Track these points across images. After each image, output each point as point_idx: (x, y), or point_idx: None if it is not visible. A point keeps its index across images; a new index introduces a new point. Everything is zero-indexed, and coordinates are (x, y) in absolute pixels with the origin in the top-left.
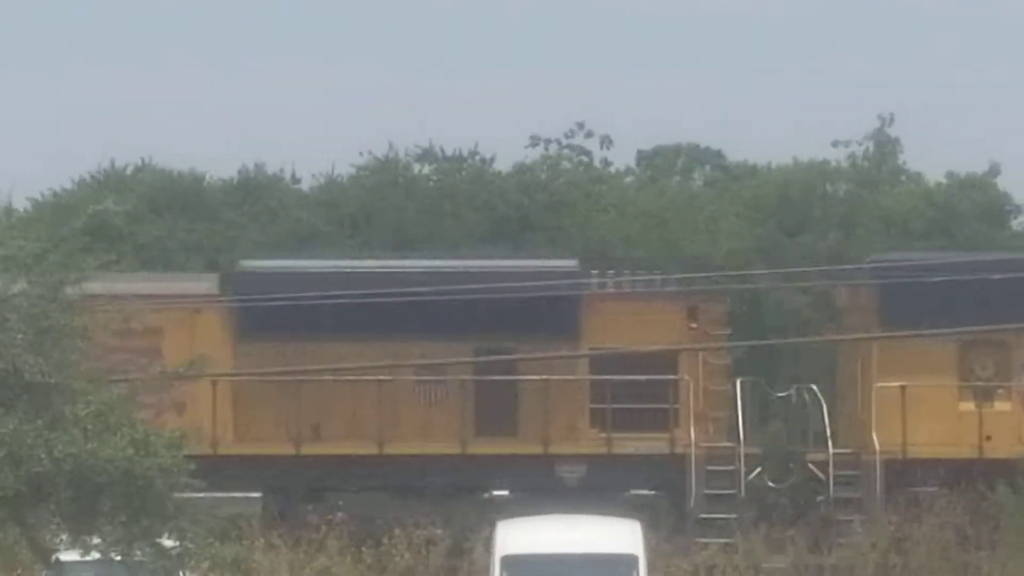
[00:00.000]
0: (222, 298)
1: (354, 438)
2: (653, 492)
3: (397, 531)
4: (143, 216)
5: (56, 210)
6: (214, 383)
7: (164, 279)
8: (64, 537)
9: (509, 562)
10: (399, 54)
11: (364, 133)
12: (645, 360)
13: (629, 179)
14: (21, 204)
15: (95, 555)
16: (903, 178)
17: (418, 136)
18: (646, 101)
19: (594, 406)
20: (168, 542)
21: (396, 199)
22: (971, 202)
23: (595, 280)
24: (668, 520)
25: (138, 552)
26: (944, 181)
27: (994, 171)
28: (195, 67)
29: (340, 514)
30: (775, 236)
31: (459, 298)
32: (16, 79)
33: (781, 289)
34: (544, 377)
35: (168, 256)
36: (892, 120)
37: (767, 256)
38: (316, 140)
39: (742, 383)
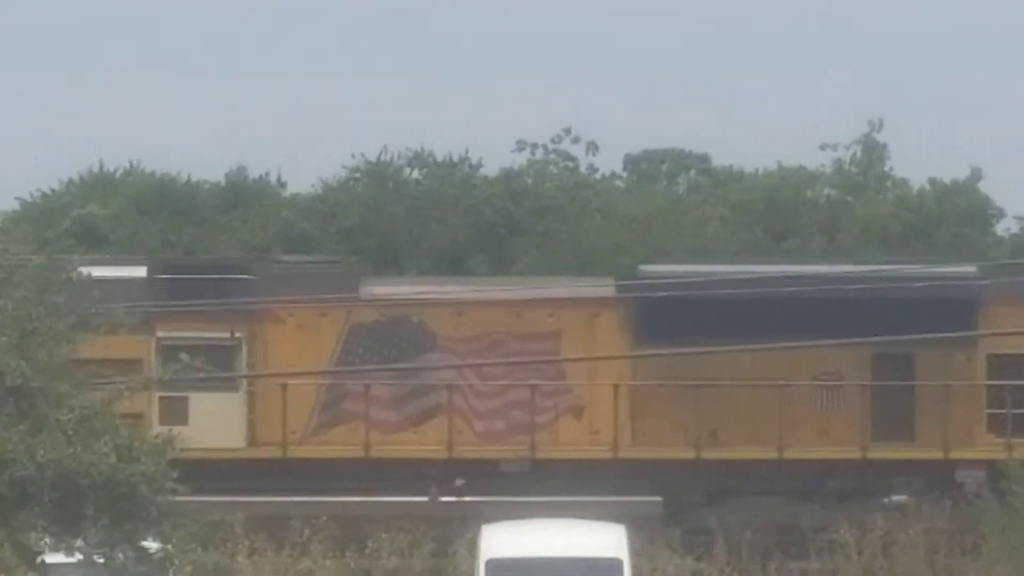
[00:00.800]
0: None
1: (753, 443)
2: None
3: (383, 534)
4: (131, 218)
5: (43, 211)
6: (615, 387)
7: (561, 283)
8: (48, 540)
9: (494, 566)
10: (390, 59)
11: (354, 138)
12: None
13: (616, 184)
14: (9, 204)
15: (79, 557)
16: (888, 184)
17: (409, 140)
18: (632, 106)
19: (991, 411)
20: (151, 546)
21: (384, 204)
22: (953, 207)
23: (988, 283)
24: None
25: (121, 555)
26: (927, 187)
27: (976, 176)
28: (184, 71)
29: (324, 517)
30: (761, 241)
31: (854, 301)
32: (6, 81)
33: None
34: (944, 383)
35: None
36: (881, 125)
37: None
38: (305, 145)
39: None
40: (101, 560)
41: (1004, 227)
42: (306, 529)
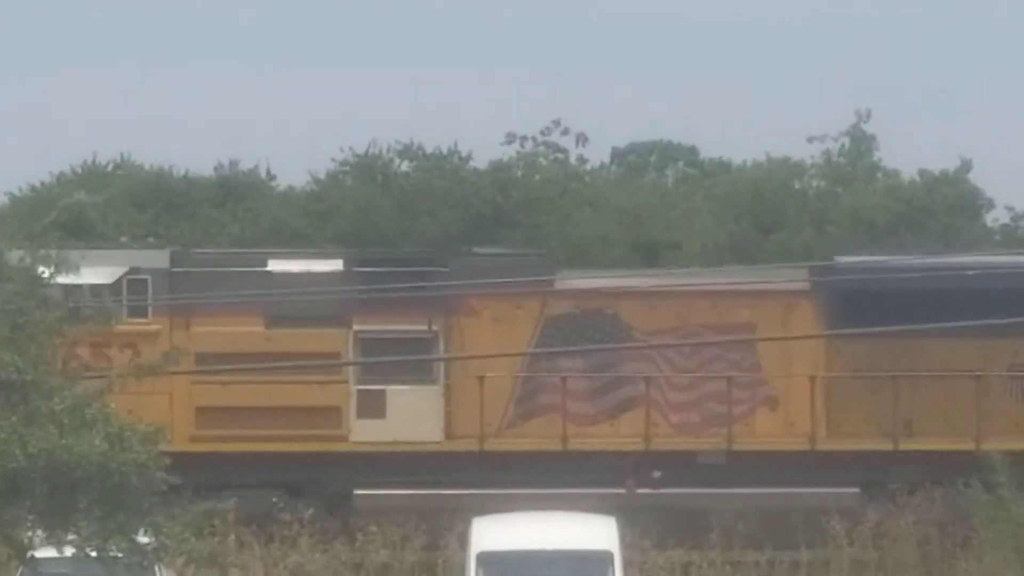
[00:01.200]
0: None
1: (949, 434)
2: None
3: (373, 528)
4: (121, 210)
5: (33, 204)
6: (812, 379)
7: (751, 273)
8: (40, 533)
9: (484, 559)
10: (379, 52)
11: (344, 131)
12: None
13: (605, 176)
14: None
15: (70, 551)
16: (879, 175)
17: (399, 133)
18: (622, 98)
19: None
20: (143, 538)
21: (373, 197)
22: (942, 198)
23: None
24: None
25: (113, 548)
26: (917, 178)
27: (966, 167)
28: (175, 63)
29: (311, 511)
30: (749, 233)
31: None
32: None
33: None
34: None
35: None
36: (869, 116)
37: (741, 253)
38: (295, 138)
39: None
40: (94, 553)
41: (992, 218)
42: (295, 523)
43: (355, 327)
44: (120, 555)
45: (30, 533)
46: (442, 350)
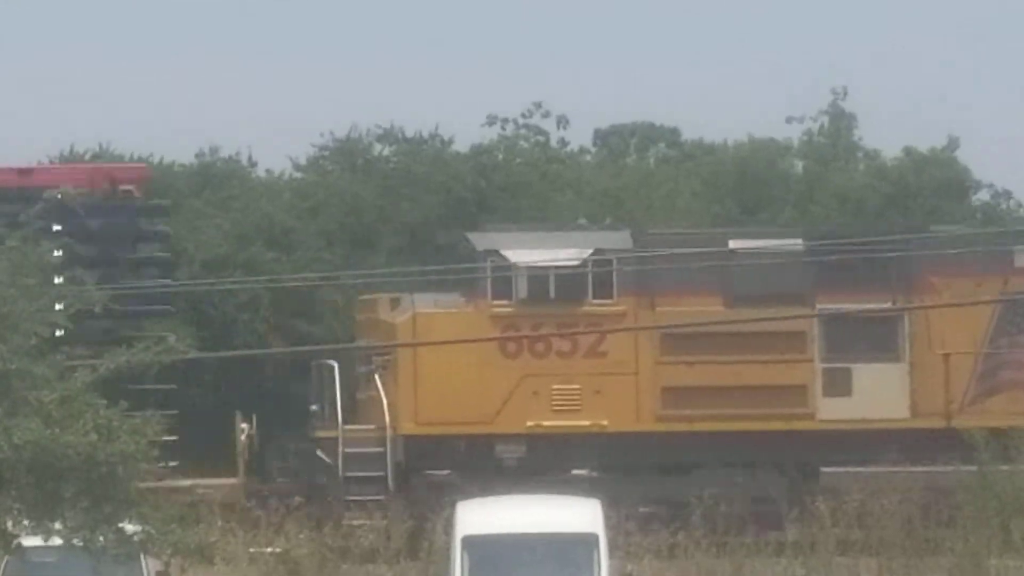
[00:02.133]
0: None
1: None
2: None
3: (358, 514)
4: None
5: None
6: None
7: None
8: (26, 523)
9: (469, 543)
10: (359, 35)
11: (323, 115)
12: None
13: (586, 158)
14: None
15: (57, 540)
16: (860, 154)
17: (379, 117)
18: (603, 80)
19: None
20: (130, 527)
21: (353, 182)
22: (929, 177)
23: None
24: None
25: (100, 538)
26: (902, 156)
27: (953, 145)
28: (152, 50)
29: (297, 498)
30: (733, 214)
31: None
32: None
33: None
34: None
35: None
36: (845, 94)
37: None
38: (275, 123)
39: None
40: (80, 543)
41: (978, 199)
42: (280, 509)
43: (819, 306)
44: (107, 545)
45: (13, 523)
46: (907, 327)
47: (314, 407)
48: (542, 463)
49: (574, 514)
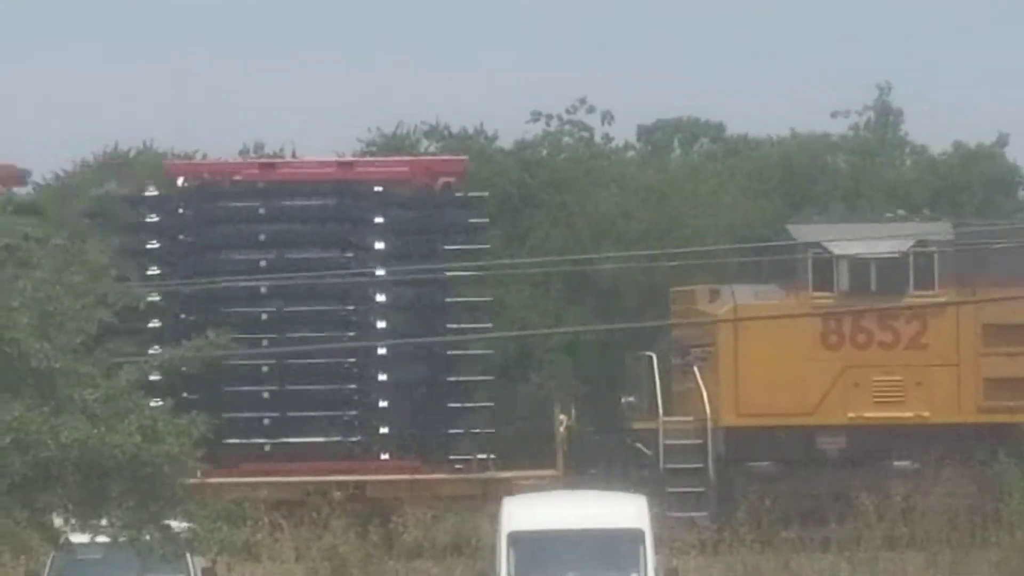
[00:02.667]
0: None
1: None
2: None
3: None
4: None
5: (60, 192)
6: None
7: None
8: (73, 521)
9: (515, 538)
10: (405, 32)
11: (368, 111)
12: None
13: (630, 154)
14: (23, 189)
15: (103, 538)
16: (907, 149)
17: (424, 114)
18: (646, 75)
19: None
20: (177, 525)
21: None
22: (978, 173)
23: None
24: None
25: (147, 536)
26: (950, 151)
27: (1002, 141)
28: (197, 47)
29: (338, 493)
30: (779, 209)
31: None
32: (17, 63)
33: None
34: None
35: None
36: (890, 89)
37: (772, 230)
38: (320, 119)
39: None
40: (126, 541)
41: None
42: (325, 507)
43: None
44: (153, 543)
45: (61, 521)
46: None
47: (629, 399)
48: (863, 454)
49: (620, 510)
